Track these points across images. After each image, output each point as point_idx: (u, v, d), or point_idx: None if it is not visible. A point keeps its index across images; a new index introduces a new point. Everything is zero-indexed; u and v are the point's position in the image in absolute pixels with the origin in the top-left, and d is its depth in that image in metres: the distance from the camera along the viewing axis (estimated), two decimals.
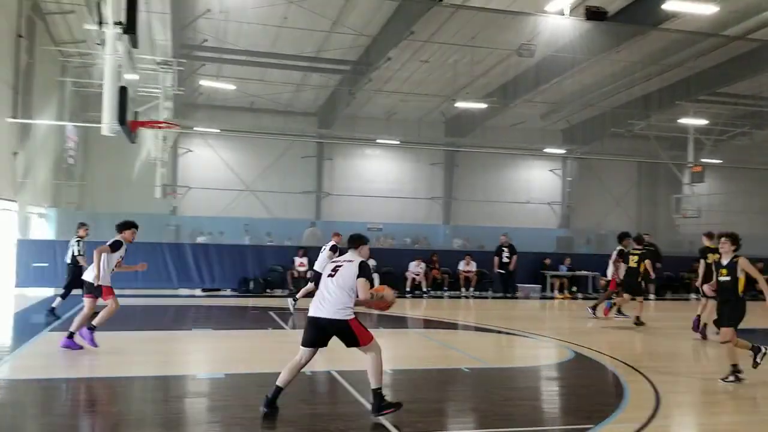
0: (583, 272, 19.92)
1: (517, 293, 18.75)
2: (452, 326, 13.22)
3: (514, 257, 18.15)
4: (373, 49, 21.22)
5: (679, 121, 24.92)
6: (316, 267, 13.40)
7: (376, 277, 16.72)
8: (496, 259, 18.19)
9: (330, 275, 6.08)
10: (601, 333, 12.53)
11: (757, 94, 23.32)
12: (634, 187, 30.55)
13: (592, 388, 7.86)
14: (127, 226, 9.06)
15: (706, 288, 9.15)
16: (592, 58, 19.87)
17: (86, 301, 8.89)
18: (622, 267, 13.55)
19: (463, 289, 18.68)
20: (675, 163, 26.48)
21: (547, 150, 28.58)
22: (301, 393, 6.84)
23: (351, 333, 5.91)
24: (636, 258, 13.10)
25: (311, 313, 6.02)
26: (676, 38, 19.11)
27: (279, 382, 6.00)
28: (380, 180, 29.30)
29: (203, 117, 27.03)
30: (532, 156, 29.67)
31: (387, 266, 18.30)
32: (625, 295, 13.34)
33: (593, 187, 29.62)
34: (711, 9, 15.54)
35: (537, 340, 11.42)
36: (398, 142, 27.68)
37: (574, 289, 19.71)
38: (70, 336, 8.84)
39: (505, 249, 18.16)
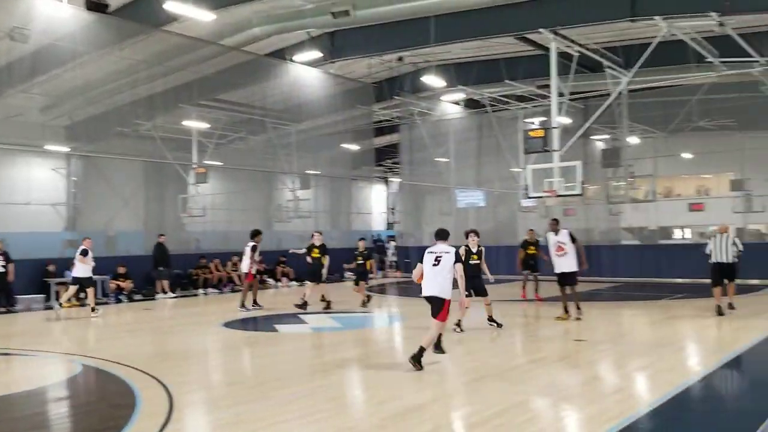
0: (94, 276, 18.69)
1: (17, 306, 16.56)
2: None
3: (11, 265, 15.99)
4: None
5: (183, 123, 25.62)
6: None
7: None
8: None
9: (434, 264, 8.40)
10: (112, 339, 11.90)
11: (251, 103, 25.52)
12: (141, 187, 30.19)
13: (102, 403, 7.29)
14: None
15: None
16: (94, 51, 18.81)
17: None
18: (246, 262, 15.34)
19: None
20: (181, 163, 27.09)
21: (49, 147, 26.11)
22: None
23: (440, 307, 8.31)
24: (360, 258, 15.49)
25: (426, 293, 8.44)
26: (179, 42, 19.44)
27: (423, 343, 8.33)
28: None
29: None
30: (31, 153, 26.67)
31: None
32: (361, 284, 15.63)
33: (101, 187, 28.22)
34: (209, 16, 16.22)
35: (39, 357, 10.16)
36: None
37: (82, 295, 18.35)
38: None
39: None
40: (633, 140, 26.27)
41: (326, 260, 15.16)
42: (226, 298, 19.57)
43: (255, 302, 15.53)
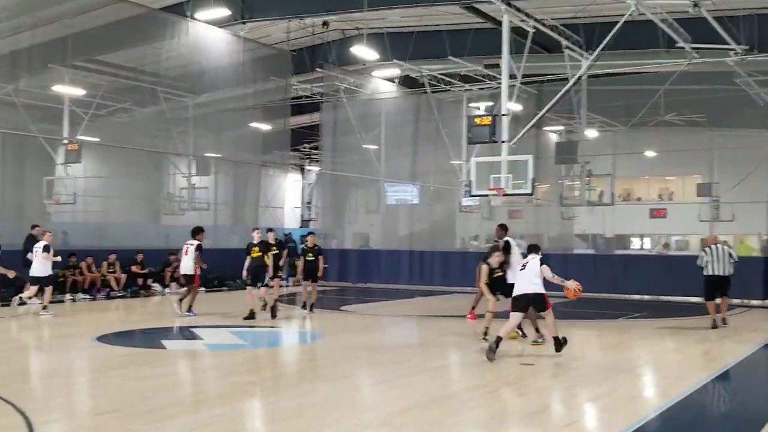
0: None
1: None
2: None
3: None
4: None
5: (53, 88, 24.66)
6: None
7: None
8: None
9: (522, 269, 11.32)
10: None
11: (139, 67, 24.80)
12: None
13: None
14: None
15: None
16: None
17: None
18: (189, 263, 15.73)
19: None
20: (47, 137, 26.08)
21: None
22: None
23: (543, 301, 11.11)
24: (311, 254, 16.45)
25: (522, 292, 11.06)
26: None
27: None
28: None
29: None
30: None
31: None
32: (313, 285, 16.63)
33: None
34: None
35: None
36: None
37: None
38: None
39: None
40: (591, 133, 27.10)
41: (269, 259, 15.62)
42: (100, 305, 19.03)
43: (190, 308, 15.69)
